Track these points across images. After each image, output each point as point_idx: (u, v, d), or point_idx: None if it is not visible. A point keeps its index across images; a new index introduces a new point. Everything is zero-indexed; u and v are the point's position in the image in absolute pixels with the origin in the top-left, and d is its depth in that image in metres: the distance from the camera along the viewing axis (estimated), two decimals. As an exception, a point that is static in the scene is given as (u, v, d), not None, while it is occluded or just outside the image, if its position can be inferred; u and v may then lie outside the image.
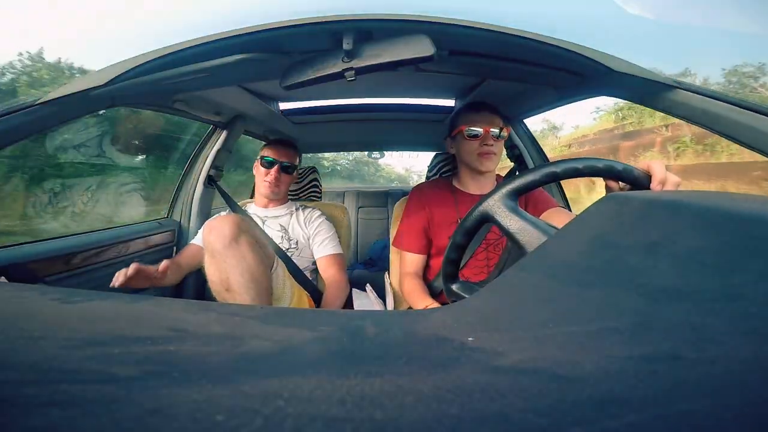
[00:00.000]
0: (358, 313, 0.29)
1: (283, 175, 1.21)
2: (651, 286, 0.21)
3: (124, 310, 0.27)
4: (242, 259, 0.78)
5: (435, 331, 0.23)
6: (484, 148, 0.92)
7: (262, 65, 0.74)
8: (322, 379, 0.16)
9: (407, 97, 1.41)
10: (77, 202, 2.29)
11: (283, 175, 1.21)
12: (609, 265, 0.25)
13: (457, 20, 0.63)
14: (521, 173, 0.48)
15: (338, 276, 1.12)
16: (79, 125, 2.11)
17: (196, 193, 1.37)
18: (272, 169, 1.19)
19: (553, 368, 0.16)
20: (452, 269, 0.55)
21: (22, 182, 2.19)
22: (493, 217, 0.47)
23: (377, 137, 2.10)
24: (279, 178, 1.20)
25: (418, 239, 0.99)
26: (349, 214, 1.37)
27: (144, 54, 0.66)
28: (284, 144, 1.25)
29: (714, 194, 0.30)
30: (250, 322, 0.25)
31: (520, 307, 0.25)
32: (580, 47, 0.65)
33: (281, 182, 1.21)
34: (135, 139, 2.85)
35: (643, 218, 0.27)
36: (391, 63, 0.63)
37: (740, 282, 0.18)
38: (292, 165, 1.23)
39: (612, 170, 0.47)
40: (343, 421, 0.13)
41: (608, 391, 0.14)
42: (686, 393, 0.13)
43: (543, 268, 0.29)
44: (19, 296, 0.29)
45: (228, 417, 0.13)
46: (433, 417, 0.13)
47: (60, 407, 0.13)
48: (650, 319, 0.18)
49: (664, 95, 0.63)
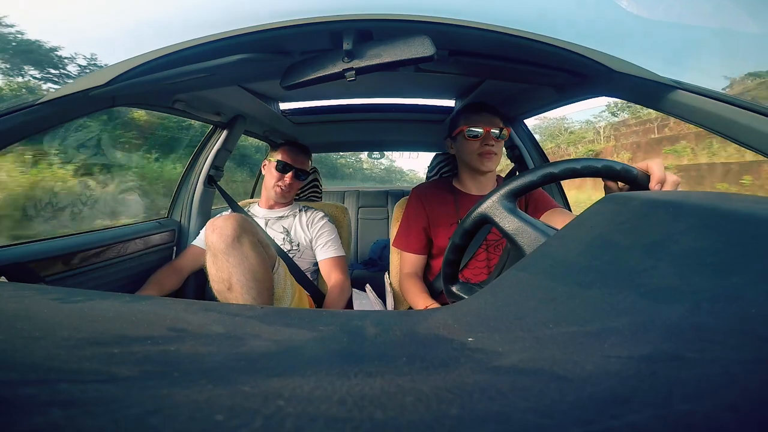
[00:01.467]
0: (358, 313, 0.29)
1: (296, 181, 1.21)
2: (651, 286, 0.21)
3: (124, 310, 0.27)
4: (244, 258, 0.78)
5: (435, 331, 0.23)
6: (485, 148, 0.92)
7: (262, 65, 0.74)
8: (322, 379, 0.16)
9: (407, 97, 1.41)
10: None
11: (296, 182, 1.21)
12: (609, 266, 0.25)
13: (457, 20, 0.63)
14: (519, 174, 0.48)
15: (340, 279, 1.12)
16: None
17: (196, 193, 1.37)
18: (287, 175, 1.19)
19: (553, 368, 0.16)
20: (452, 270, 0.55)
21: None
22: (492, 218, 0.47)
23: (377, 137, 2.10)
24: (292, 184, 1.20)
25: (417, 239, 0.99)
26: (349, 214, 1.37)
27: (144, 54, 0.66)
28: (300, 149, 1.25)
29: (714, 194, 0.30)
30: (250, 322, 0.25)
31: (520, 307, 0.25)
32: (580, 47, 0.65)
33: (293, 188, 1.22)
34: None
35: (643, 218, 0.27)
36: (392, 63, 0.63)
37: (740, 282, 0.18)
38: (305, 171, 1.23)
39: (610, 170, 0.47)
40: (343, 421, 0.13)
41: (608, 391, 0.14)
42: (686, 393, 0.13)
43: (543, 269, 0.29)
44: (19, 296, 0.29)
45: (228, 417, 0.13)
46: (433, 417, 0.13)
47: (60, 407, 0.13)
48: (650, 319, 0.18)
49: (664, 95, 0.63)
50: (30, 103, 0.62)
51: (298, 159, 1.21)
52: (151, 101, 0.96)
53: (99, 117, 2.94)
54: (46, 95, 0.64)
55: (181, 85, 0.82)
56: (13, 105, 0.61)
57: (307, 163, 1.24)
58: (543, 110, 1.22)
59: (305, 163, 1.24)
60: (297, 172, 1.20)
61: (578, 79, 0.76)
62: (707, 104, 0.58)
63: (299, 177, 1.22)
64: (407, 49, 0.62)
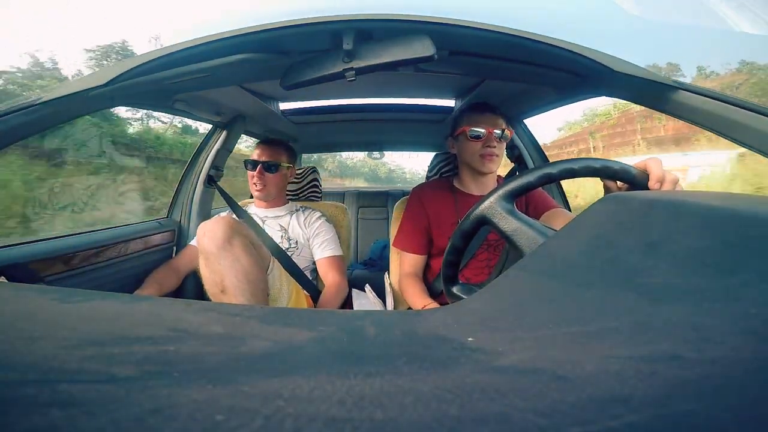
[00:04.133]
0: (358, 313, 0.29)
1: (267, 174, 1.18)
2: (651, 286, 0.21)
3: (124, 310, 0.27)
4: (236, 261, 0.78)
5: (435, 332, 0.23)
6: (486, 149, 0.92)
7: (262, 65, 0.74)
8: (322, 379, 0.16)
9: (407, 97, 1.41)
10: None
11: (267, 175, 1.18)
12: (609, 265, 0.25)
13: (457, 20, 0.63)
14: (517, 175, 0.48)
15: (337, 278, 1.12)
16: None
17: (196, 193, 1.37)
18: (255, 171, 1.18)
19: (553, 368, 0.16)
20: (452, 271, 0.55)
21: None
22: (491, 219, 0.47)
23: (377, 137, 2.10)
24: (263, 179, 1.18)
25: (417, 239, 0.99)
26: (349, 214, 1.37)
27: (144, 54, 0.66)
28: (268, 142, 1.23)
29: (713, 194, 0.30)
30: (250, 322, 0.25)
31: (520, 307, 0.25)
32: (580, 47, 0.65)
33: (267, 182, 1.19)
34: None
35: (642, 218, 0.27)
36: (392, 63, 0.63)
37: (740, 282, 0.18)
38: (275, 163, 1.19)
39: (609, 170, 0.46)
40: (343, 421, 0.13)
41: (608, 391, 0.14)
42: (686, 393, 0.13)
43: (543, 269, 0.29)
44: (19, 296, 0.29)
45: (228, 417, 0.13)
46: (433, 417, 0.13)
47: (60, 407, 0.13)
48: (650, 319, 0.18)
49: (664, 96, 0.63)
50: (30, 103, 0.62)
51: (264, 153, 1.19)
52: (151, 101, 0.96)
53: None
54: (45, 95, 0.64)
55: (181, 85, 0.82)
56: (12, 105, 0.61)
57: (277, 155, 1.20)
58: (543, 110, 1.22)
59: (275, 154, 1.20)
60: (264, 165, 1.18)
61: (578, 79, 0.76)
62: (707, 104, 0.58)
63: (269, 170, 1.18)
64: (407, 49, 0.62)
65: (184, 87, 0.87)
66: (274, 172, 1.20)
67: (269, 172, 1.19)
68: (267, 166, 1.18)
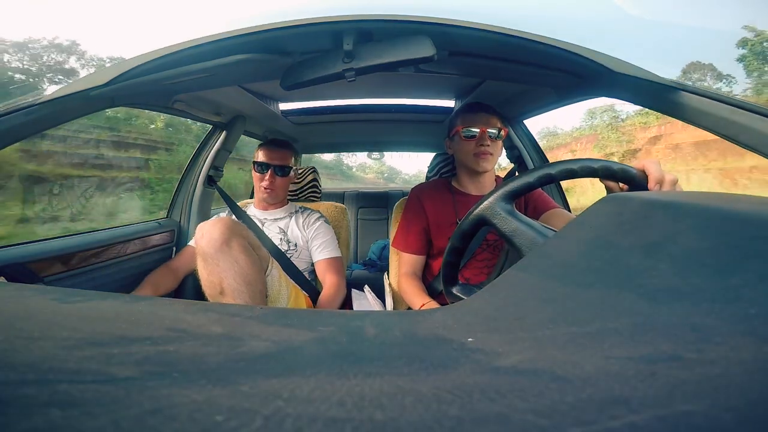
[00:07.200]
0: (357, 313, 0.28)
1: (278, 178, 1.18)
2: (651, 286, 0.21)
3: (123, 310, 0.27)
4: (234, 262, 0.78)
5: (435, 332, 0.23)
6: (480, 148, 0.92)
7: (262, 66, 0.74)
8: (322, 379, 0.16)
9: (407, 97, 1.41)
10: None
11: (278, 179, 1.18)
12: (609, 266, 0.25)
13: (457, 21, 0.63)
14: (517, 176, 0.48)
15: (335, 279, 1.12)
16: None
17: (196, 193, 1.37)
18: (266, 174, 1.17)
19: (553, 368, 0.16)
20: (451, 272, 0.55)
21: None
22: (490, 220, 0.47)
23: (377, 138, 2.10)
24: (274, 182, 1.17)
25: (417, 240, 0.99)
26: (348, 215, 1.37)
27: (144, 54, 0.66)
28: (277, 144, 1.22)
29: (713, 195, 0.30)
30: (249, 322, 0.25)
31: (520, 307, 0.25)
32: (579, 48, 0.65)
33: (276, 186, 1.18)
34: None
35: (642, 219, 0.27)
36: (391, 63, 0.63)
37: (740, 282, 0.18)
38: (286, 167, 1.19)
39: (608, 171, 0.47)
40: (343, 421, 0.13)
41: (608, 392, 0.14)
42: (686, 393, 0.13)
43: (543, 269, 0.29)
44: (19, 296, 0.29)
45: (228, 417, 0.13)
46: (433, 417, 0.13)
47: (60, 407, 0.13)
48: (650, 319, 0.18)
49: (663, 97, 0.63)
50: (30, 103, 0.62)
51: (275, 156, 1.18)
52: (151, 101, 0.96)
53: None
54: (45, 95, 0.64)
55: (181, 86, 0.82)
56: (13, 105, 0.61)
57: (287, 158, 1.20)
58: (543, 111, 1.22)
59: (285, 158, 1.20)
60: (276, 168, 1.17)
61: (578, 80, 0.76)
62: (707, 105, 0.58)
63: (280, 174, 1.18)
64: (407, 49, 0.62)
65: (184, 87, 0.87)
66: (285, 175, 1.20)
67: (280, 176, 1.19)
68: (278, 170, 1.18)
